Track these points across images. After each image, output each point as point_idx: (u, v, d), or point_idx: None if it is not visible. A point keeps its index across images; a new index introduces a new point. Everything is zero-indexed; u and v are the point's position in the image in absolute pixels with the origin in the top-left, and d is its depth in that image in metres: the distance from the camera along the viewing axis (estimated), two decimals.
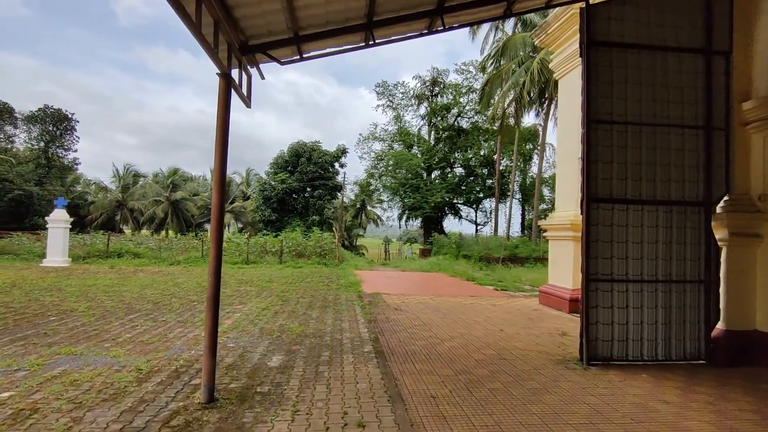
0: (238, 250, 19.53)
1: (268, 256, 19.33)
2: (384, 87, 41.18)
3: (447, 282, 14.61)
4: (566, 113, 9.41)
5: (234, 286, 11.43)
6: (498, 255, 20.61)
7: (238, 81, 4.25)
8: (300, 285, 12.07)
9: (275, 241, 20.29)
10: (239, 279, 12.98)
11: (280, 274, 14.77)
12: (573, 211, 8.88)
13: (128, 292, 9.73)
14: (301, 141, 37.68)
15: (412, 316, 7.79)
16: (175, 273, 14.12)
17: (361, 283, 12.85)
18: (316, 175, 36.78)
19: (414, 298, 10.14)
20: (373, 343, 5.77)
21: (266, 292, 10.49)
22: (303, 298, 9.73)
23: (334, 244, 21.31)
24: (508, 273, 17.35)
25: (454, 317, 7.84)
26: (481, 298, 10.56)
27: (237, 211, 53.16)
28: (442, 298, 10.44)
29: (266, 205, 35.97)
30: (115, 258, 16.53)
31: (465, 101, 38.82)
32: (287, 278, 13.67)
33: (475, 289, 12.65)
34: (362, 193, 55.53)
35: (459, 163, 39.94)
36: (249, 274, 14.44)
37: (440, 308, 8.82)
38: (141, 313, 7.41)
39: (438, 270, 19.34)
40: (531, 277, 15.75)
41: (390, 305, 9.01)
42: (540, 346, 5.92)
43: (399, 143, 41.32)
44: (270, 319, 7.25)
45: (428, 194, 35.81)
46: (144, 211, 49.18)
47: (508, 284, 13.81)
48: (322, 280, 13.40)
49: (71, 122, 38.37)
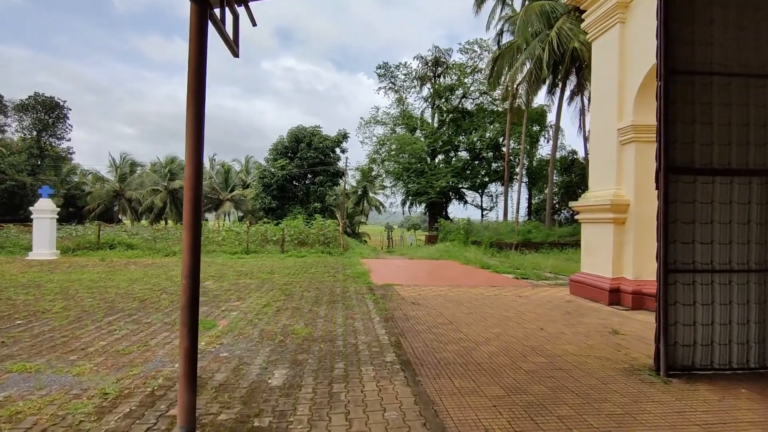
0: (237, 239, 18.58)
1: (270, 245, 18.38)
2: (385, 69, 39.79)
3: (461, 270, 13.65)
4: (604, 78, 8.30)
5: (232, 278, 10.47)
6: (510, 240, 19.63)
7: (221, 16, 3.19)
8: (304, 276, 11.11)
9: (276, 229, 19.32)
10: (238, 271, 12.02)
11: (282, 265, 13.82)
12: (611, 190, 7.84)
13: (114, 287, 8.77)
14: (300, 126, 36.46)
15: (433, 312, 6.82)
16: (170, 265, 13.17)
17: (369, 273, 11.90)
18: (316, 161, 35.65)
19: (430, 290, 9.18)
20: (396, 349, 4.80)
21: (267, 284, 9.54)
22: (308, 291, 8.77)
23: (338, 231, 20.34)
24: (523, 259, 16.40)
25: (482, 312, 6.88)
26: (503, 289, 9.59)
27: (237, 200, 52.14)
28: (461, 289, 9.48)
29: (266, 193, 34.94)
30: (107, 249, 15.57)
31: (470, 81, 37.45)
32: (290, 269, 12.72)
33: (493, 278, 11.69)
34: (364, 180, 54.53)
35: (464, 147, 38.72)
36: (249, 265, 13.49)
37: (462, 301, 7.86)
38: (123, 313, 6.45)
39: (448, 257, 18.39)
40: (549, 263, 14.79)
41: (406, 299, 8.05)
42: (594, 349, 4.95)
43: (401, 127, 40.07)
44: (271, 318, 6.29)
45: (433, 179, 34.70)
46: (142, 201, 48.22)
47: (527, 272, 12.84)
48: (327, 271, 12.45)
49: (63, 110, 37.16)
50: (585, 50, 16.93)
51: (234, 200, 52.40)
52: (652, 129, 7.53)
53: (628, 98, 7.64)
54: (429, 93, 39.40)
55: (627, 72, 7.69)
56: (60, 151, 38.39)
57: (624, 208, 7.63)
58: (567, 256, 16.36)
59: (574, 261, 15.59)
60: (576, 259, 15.93)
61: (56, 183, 38.37)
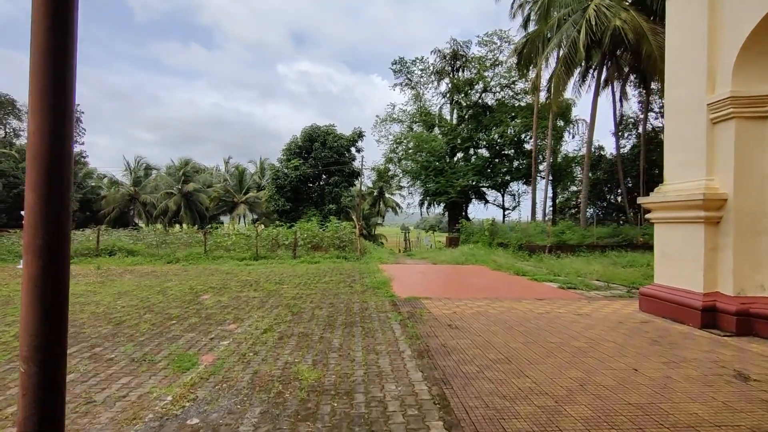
0: (247, 243, 17.32)
1: (281, 250, 17.07)
2: (401, 64, 38.30)
3: (493, 278, 12.06)
4: (686, 40, 6.62)
5: (235, 290, 9.11)
6: (542, 243, 17.90)
7: None
8: (316, 287, 9.69)
9: (288, 232, 18.01)
10: (243, 281, 10.68)
11: (293, 272, 12.45)
12: (700, 182, 6.19)
13: (93, 304, 7.49)
14: (314, 124, 35.24)
15: (479, 341, 5.29)
16: (169, 273, 11.92)
17: (390, 283, 10.41)
18: (331, 161, 34.38)
19: (467, 306, 7.64)
20: (442, 412, 3.30)
21: (273, 299, 8.13)
22: (320, 308, 7.33)
23: (354, 234, 18.92)
24: (560, 264, 14.68)
25: (543, 341, 5.32)
26: (553, 303, 7.99)
27: (251, 202, 51.30)
28: (503, 303, 7.91)
29: (280, 194, 33.81)
30: (106, 256, 14.46)
31: (490, 75, 35.67)
32: (301, 278, 11.33)
33: (534, 288, 10.08)
34: (380, 180, 53.16)
35: (484, 144, 36.93)
36: (256, 273, 12.15)
37: (511, 323, 6.30)
38: (86, 344, 5.10)
39: (475, 261, 16.78)
40: (594, 269, 13.07)
41: (439, 319, 6.53)
42: (737, 413, 3.35)
43: (419, 124, 38.51)
44: (271, 351, 4.86)
45: (453, 178, 33.04)
46: (156, 204, 47.73)
47: (571, 280, 11.17)
48: (343, 280, 11.01)
49: (75, 113, 36.71)
50: (627, 29, 15.20)
51: (248, 202, 51.60)
52: (762, 101, 5.88)
53: (724, 63, 5.97)
54: (447, 88, 37.75)
55: (721, 28, 6.02)
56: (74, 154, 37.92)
57: (719, 204, 5.97)
58: (611, 260, 14.58)
59: (620, 266, 13.85)
60: (623, 263, 14.18)
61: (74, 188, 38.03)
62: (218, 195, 51.45)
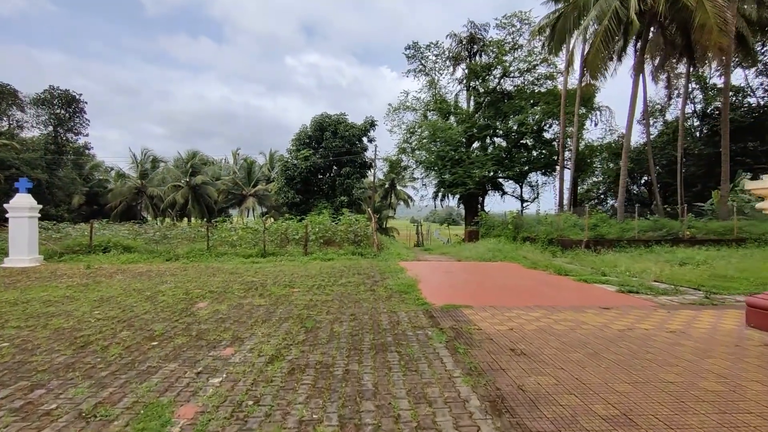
0: (254, 239, 15.97)
1: (291, 246, 15.69)
2: (415, 49, 36.49)
3: (533, 278, 10.54)
4: None
5: (238, 295, 7.73)
6: (577, 237, 16.28)
7: None
8: (332, 291, 8.27)
9: (299, 226, 16.61)
10: (248, 282, 9.29)
11: (305, 272, 11.04)
12: None
13: (64, 315, 6.14)
14: (325, 113, 33.75)
15: (565, 378, 3.80)
16: (166, 273, 10.59)
17: (417, 285, 8.95)
18: (342, 151, 32.89)
19: (520, 318, 6.15)
20: None
21: (282, 308, 6.73)
22: (340, 321, 5.90)
23: (369, 227, 17.47)
24: (602, 261, 13.08)
25: (653, 378, 3.81)
26: (626, 314, 6.46)
27: (260, 195, 50.16)
28: (563, 314, 6.41)
29: (289, 187, 32.45)
30: (100, 253, 13.21)
31: (509, 60, 33.75)
32: (314, 278, 9.92)
33: (589, 292, 8.55)
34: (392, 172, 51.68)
35: (503, 132, 35.13)
36: (263, 273, 10.77)
37: (593, 345, 4.81)
38: (25, 383, 3.73)
39: (503, 258, 15.26)
40: (644, 268, 11.44)
41: (496, 340, 5.06)
42: None
43: (433, 112, 36.78)
44: (278, 397, 3.43)
45: (471, 168, 31.35)
46: (164, 197, 46.78)
47: (627, 281, 9.59)
48: (362, 281, 9.57)
49: (80, 104, 35.66)
50: None
51: (257, 195, 50.48)
52: None
53: None
54: (463, 74, 35.91)
55: None
56: (78, 146, 37.00)
57: None
58: (660, 257, 12.93)
59: (673, 263, 12.20)
60: (675, 260, 12.47)
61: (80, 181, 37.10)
62: (226, 188, 50.39)
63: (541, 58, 32.84)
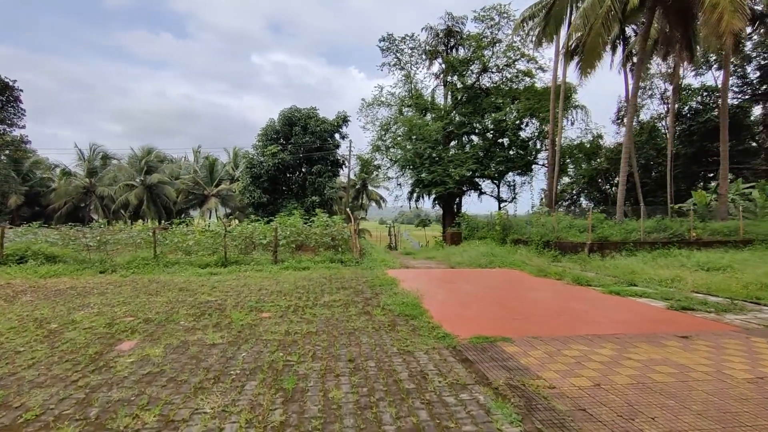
0: (214, 244, 13.59)
1: (257, 252, 13.44)
2: (390, 41, 34.62)
3: (553, 291, 8.85)
4: None
5: (184, 327, 5.55)
6: (578, 240, 14.86)
7: None
8: (316, 316, 6.22)
9: (267, 229, 14.36)
10: (201, 304, 7.09)
11: (276, 286, 8.90)
12: None
13: None
14: (294, 107, 31.36)
15: None
16: (94, 291, 8.18)
17: (422, 303, 7.04)
18: (313, 148, 30.61)
19: (590, 359, 4.35)
20: None
21: (248, 349, 4.64)
22: (334, 375, 3.88)
23: (347, 230, 15.42)
24: (616, 267, 11.62)
25: None
26: (723, 348, 4.79)
27: (223, 195, 46.89)
28: (639, 348, 4.67)
29: (255, 185, 29.86)
30: (13, 264, 10.53)
31: (489, 54, 32.50)
32: (289, 296, 7.82)
33: (633, 310, 6.91)
34: (364, 171, 49.68)
35: (481, 130, 33.86)
36: (224, 289, 8.56)
37: (744, 417, 3.04)
38: None
39: (500, 264, 13.62)
40: (669, 274, 9.98)
41: (591, 410, 3.20)
42: None
43: (410, 108, 35.06)
44: None
45: (450, 166, 29.80)
46: (115, 197, 42.77)
47: (666, 293, 8.04)
48: (351, 298, 7.56)
49: (14, 92, 31.60)
50: None
51: (220, 195, 47.18)
52: None
53: None
54: (440, 68, 34.40)
55: None
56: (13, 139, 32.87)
57: None
58: (681, 262, 11.59)
59: (695, 269, 10.85)
60: (692, 265, 11.12)
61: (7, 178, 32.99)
62: (186, 187, 46.81)
63: (520, 53, 31.75)
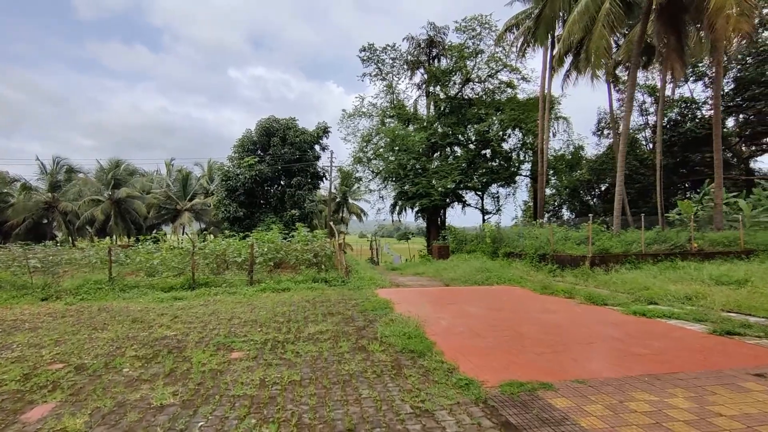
0: (182, 263, 12.15)
1: (231, 272, 12.04)
2: (371, 51, 33.92)
3: (570, 313, 7.84)
4: None
5: (125, 378, 4.24)
6: (577, 253, 14.01)
7: None
8: (299, 356, 4.98)
9: (241, 245, 12.99)
10: (156, 341, 5.75)
11: (252, 314, 7.59)
12: None
13: None
14: (272, 117, 30.09)
15: None
16: (24, 325, 6.71)
17: (427, 335, 5.90)
18: (293, 159, 29.33)
19: (666, 415, 3.27)
20: None
21: (207, 409, 3.38)
22: None
23: (330, 245, 14.18)
24: (624, 282, 10.75)
25: None
26: None
27: (197, 209, 44.82)
28: (718, 397, 3.62)
29: (231, 199, 28.29)
30: None
31: (471, 65, 32.11)
32: (266, 327, 6.54)
33: (673, 337, 5.93)
34: (344, 184, 48.49)
35: (465, 141, 33.29)
36: (187, 318, 7.21)
37: None
38: None
39: (498, 280, 12.62)
40: (685, 290, 9.11)
41: None
42: None
43: (392, 119, 34.25)
44: None
45: (434, 178, 28.99)
46: (80, 213, 40.23)
47: (697, 313, 7.12)
48: (341, 329, 6.33)
49: None
50: None
51: (194, 210, 45.08)
52: None
53: None
54: (422, 79, 33.84)
55: None
56: None
57: None
58: (692, 276, 10.80)
59: (712, 283, 10.06)
60: (705, 278, 10.33)
61: None
62: (158, 202, 44.58)
63: (503, 64, 31.47)
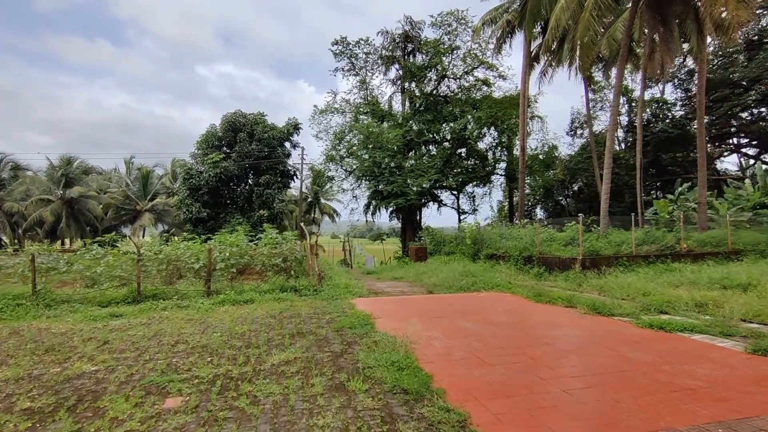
0: (127, 272, 10.52)
1: (186, 280, 10.53)
2: (343, 45, 32.54)
3: (570, 322, 6.87)
4: None
5: None
6: (565, 254, 13.22)
7: None
8: (259, 401, 3.71)
9: (199, 250, 11.46)
10: (68, 381, 4.34)
11: (202, 337, 6.23)
12: None
13: None
14: (239, 111, 28.32)
15: None
16: None
17: (420, 363, 4.76)
18: (261, 157, 27.68)
19: None
20: None
21: None
22: None
23: (300, 248, 12.83)
24: (621, 286, 9.93)
25: None
26: None
27: (159, 210, 42.24)
28: None
29: (193, 198, 26.36)
30: None
31: (447, 61, 31.30)
32: (218, 355, 5.22)
33: (710, 359, 5.02)
34: (316, 183, 46.93)
35: (441, 139, 32.47)
36: (120, 345, 5.78)
37: None
38: None
39: (484, 286, 11.63)
40: (688, 296, 8.33)
41: None
42: None
43: (366, 115, 33.00)
44: None
45: (410, 176, 27.97)
46: (27, 214, 37.03)
47: (720, 326, 6.28)
48: (312, 357, 5.09)
49: None
50: None
51: (155, 210, 42.47)
52: None
53: None
54: (397, 74, 32.77)
55: None
56: None
57: None
58: (690, 279, 10.12)
59: (713, 287, 9.35)
60: (706, 282, 9.64)
61: None
62: (116, 202, 41.74)
63: (479, 61, 30.82)
